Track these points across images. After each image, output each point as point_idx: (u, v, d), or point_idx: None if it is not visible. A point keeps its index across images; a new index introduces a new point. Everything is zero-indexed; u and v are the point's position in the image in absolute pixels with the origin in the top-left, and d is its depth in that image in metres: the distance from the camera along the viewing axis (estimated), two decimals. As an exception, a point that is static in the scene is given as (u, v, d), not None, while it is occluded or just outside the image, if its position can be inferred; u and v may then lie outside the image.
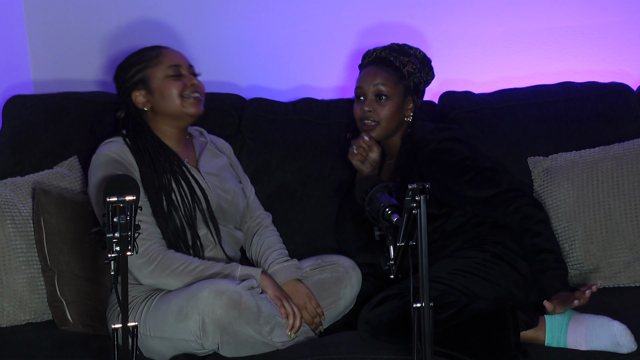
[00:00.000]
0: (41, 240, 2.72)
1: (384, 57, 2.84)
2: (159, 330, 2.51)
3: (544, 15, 3.28)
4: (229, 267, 2.59)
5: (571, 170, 2.89)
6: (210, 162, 2.81)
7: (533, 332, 2.47)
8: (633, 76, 3.26)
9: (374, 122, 2.80)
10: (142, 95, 2.73)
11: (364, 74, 2.85)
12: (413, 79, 2.82)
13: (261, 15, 3.33)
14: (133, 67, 2.74)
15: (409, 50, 2.86)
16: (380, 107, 2.79)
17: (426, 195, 2.00)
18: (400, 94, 2.80)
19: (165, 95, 2.71)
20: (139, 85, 2.73)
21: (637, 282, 2.80)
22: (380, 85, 2.79)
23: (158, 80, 2.72)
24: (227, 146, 2.98)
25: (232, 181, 2.83)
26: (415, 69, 2.82)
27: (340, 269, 2.74)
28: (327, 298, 2.70)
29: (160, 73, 2.72)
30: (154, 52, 2.77)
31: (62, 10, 3.35)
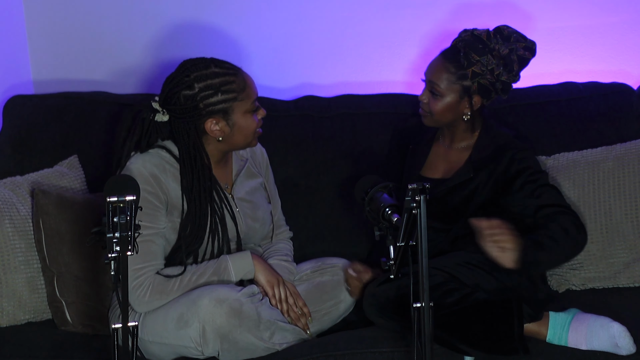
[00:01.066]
0: (40, 241, 2.72)
1: (457, 48, 2.71)
2: (158, 335, 2.50)
3: (544, 15, 3.28)
4: (221, 264, 2.57)
5: (572, 170, 2.89)
6: (244, 185, 2.73)
7: (536, 326, 2.47)
8: (634, 76, 3.26)
9: (427, 113, 2.75)
10: (218, 124, 2.55)
11: (431, 62, 2.76)
12: (479, 80, 2.69)
13: (261, 14, 3.33)
14: (218, 94, 2.53)
15: (494, 45, 2.69)
16: (432, 101, 2.72)
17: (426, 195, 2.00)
18: (456, 94, 2.70)
19: (243, 131, 2.57)
20: (219, 114, 2.54)
21: (637, 283, 2.79)
22: (435, 82, 2.70)
23: (240, 115, 2.56)
24: (264, 153, 2.87)
25: (263, 206, 2.76)
26: (485, 70, 2.67)
27: (341, 272, 2.73)
28: (327, 301, 2.70)
29: (244, 107, 2.57)
30: (240, 81, 2.57)
31: (62, 10, 3.35)
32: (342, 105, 3.17)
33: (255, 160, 2.82)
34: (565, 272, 2.84)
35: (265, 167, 2.86)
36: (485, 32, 2.70)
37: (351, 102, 3.17)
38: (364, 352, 2.46)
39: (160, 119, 2.57)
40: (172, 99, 2.54)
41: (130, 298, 2.48)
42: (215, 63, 2.57)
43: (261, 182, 2.81)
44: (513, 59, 2.70)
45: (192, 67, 2.55)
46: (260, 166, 2.83)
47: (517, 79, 2.75)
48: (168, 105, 2.55)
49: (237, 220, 2.64)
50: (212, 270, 2.56)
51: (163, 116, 2.57)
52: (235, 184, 2.70)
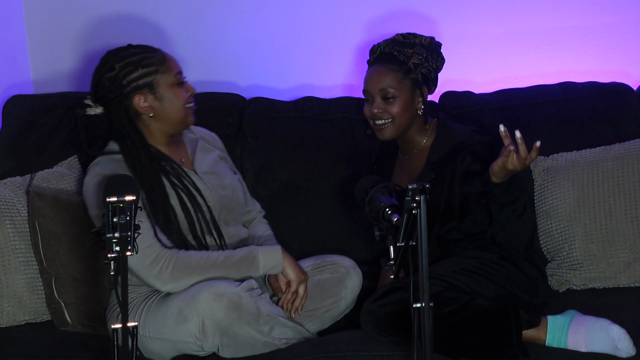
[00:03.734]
0: (37, 244, 2.72)
1: (387, 52, 2.77)
2: (159, 331, 2.50)
3: (544, 15, 3.28)
4: (250, 253, 2.58)
5: (572, 170, 2.89)
6: (204, 159, 2.78)
7: (534, 331, 2.47)
8: (633, 76, 3.26)
9: (387, 121, 2.76)
10: (146, 100, 2.61)
11: (369, 75, 2.79)
12: (421, 70, 2.75)
13: (261, 15, 3.33)
14: (139, 69, 2.60)
15: (413, 39, 2.78)
16: (389, 107, 2.74)
17: (426, 195, 1.99)
18: (408, 90, 2.74)
19: (172, 103, 2.62)
20: (144, 89, 2.60)
21: (637, 283, 2.79)
22: (386, 87, 2.73)
23: (166, 87, 2.62)
24: (215, 137, 2.94)
25: (228, 174, 2.81)
26: (422, 58, 2.75)
27: (341, 269, 2.73)
28: (328, 298, 2.70)
29: (168, 79, 2.63)
30: (159, 56, 2.65)
31: (62, 10, 3.35)
32: (342, 108, 3.16)
33: (207, 140, 2.87)
34: (565, 272, 2.84)
35: (220, 144, 2.91)
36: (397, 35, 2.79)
37: (351, 105, 3.17)
38: (365, 354, 2.46)
39: (93, 112, 2.63)
40: (97, 86, 2.62)
41: (148, 275, 2.49)
42: (134, 45, 2.67)
43: (219, 155, 2.84)
44: (435, 44, 2.80)
45: (111, 53, 2.65)
46: (213, 144, 2.88)
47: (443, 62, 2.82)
48: (96, 94, 2.62)
49: (205, 195, 2.65)
50: (240, 256, 2.57)
51: (95, 109, 2.63)
52: (195, 161, 2.74)
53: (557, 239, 2.86)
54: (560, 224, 2.85)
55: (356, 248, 3.00)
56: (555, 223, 2.86)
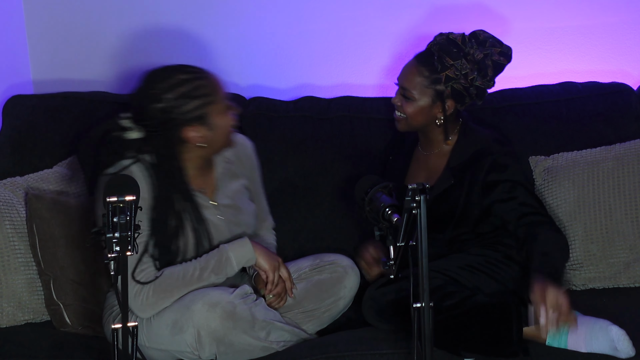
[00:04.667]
0: (35, 246, 2.71)
1: (431, 52, 2.69)
2: (155, 342, 2.50)
3: (544, 15, 3.28)
4: (222, 256, 2.54)
5: (572, 170, 2.89)
6: (227, 187, 2.69)
7: (535, 330, 2.46)
8: (633, 76, 3.26)
9: (401, 115, 2.74)
10: (197, 131, 2.49)
11: (404, 66, 2.75)
12: (453, 85, 2.66)
13: (261, 15, 3.33)
14: (191, 101, 2.46)
15: (468, 49, 2.67)
16: (405, 104, 2.72)
17: (426, 195, 1.99)
18: (428, 98, 2.69)
19: (222, 130, 2.52)
20: (196, 121, 2.47)
21: (637, 283, 2.79)
22: (407, 86, 2.70)
23: (217, 117, 2.50)
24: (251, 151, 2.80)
25: (246, 209, 2.73)
26: (459, 74, 2.65)
27: (339, 269, 2.73)
28: (327, 298, 2.70)
29: (219, 107, 2.51)
30: (211, 84, 2.51)
31: (62, 10, 3.35)
32: (342, 107, 3.16)
33: (241, 160, 2.76)
34: (565, 272, 2.84)
35: (251, 163, 2.80)
36: (460, 36, 2.69)
37: (351, 104, 3.17)
38: (364, 354, 2.45)
39: (133, 136, 2.51)
40: (143, 114, 2.48)
41: (133, 307, 2.47)
42: (180, 69, 2.51)
43: (244, 184, 2.75)
44: (487, 64, 2.68)
45: (157, 79, 2.49)
46: (245, 165, 2.77)
47: (492, 85, 2.73)
48: (141, 121, 2.50)
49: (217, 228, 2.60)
50: (213, 262, 2.54)
51: (136, 133, 2.51)
52: (218, 190, 2.66)
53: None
54: (560, 224, 2.85)
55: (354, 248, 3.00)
56: (556, 223, 2.86)
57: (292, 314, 2.67)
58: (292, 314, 2.67)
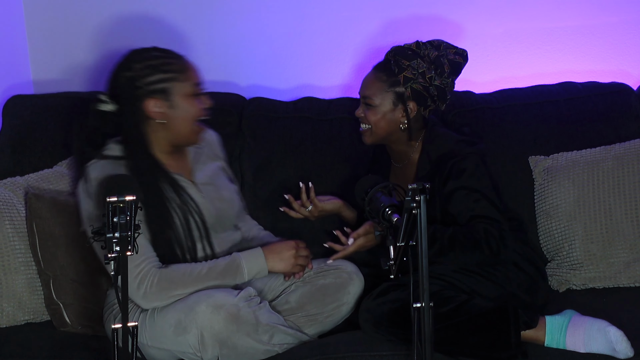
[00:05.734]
0: (35, 245, 2.71)
1: (387, 59, 2.75)
2: (157, 341, 2.50)
3: (544, 15, 3.28)
4: (233, 262, 2.56)
5: (572, 170, 2.89)
6: (204, 169, 2.74)
7: (533, 332, 2.47)
8: (633, 76, 3.26)
9: (366, 127, 2.76)
10: (159, 106, 2.54)
11: (363, 79, 2.79)
12: (411, 85, 2.69)
13: (261, 15, 3.33)
14: (156, 73, 2.54)
15: (424, 51, 2.71)
16: (368, 113, 2.73)
17: (426, 196, 1.99)
18: (389, 102, 2.71)
19: (185, 113, 2.56)
20: (158, 94, 2.53)
21: (637, 283, 2.79)
22: (368, 94, 2.73)
23: (182, 97, 2.55)
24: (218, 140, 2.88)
25: (228, 186, 2.78)
26: (416, 73, 2.68)
27: (344, 275, 2.72)
28: (330, 304, 2.69)
29: (185, 89, 2.56)
30: (181, 64, 2.59)
31: (62, 10, 3.35)
32: (342, 108, 3.16)
33: (212, 145, 2.83)
34: (565, 272, 2.84)
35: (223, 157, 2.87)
36: (414, 42, 2.74)
37: (351, 105, 3.17)
38: (364, 355, 2.45)
39: (105, 108, 2.58)
40: (113, 83, 2.57)
41: (136, 295, 2.47)
42: (158, 48, 2.61)
43: (219, 166, 2.81)
44: (443, 62, 2.70)
45: (134, 52, 2.60)
46: (216, 151, 2.84)
47: (452, 86, 2.74)
48: (111, 91, 2.58)
49: (201, 206, 2.62)
50: (223, 266, 2.55)
51: (108, 105, 2.58)
52: (194, 171, 2.70)
53: (557, 239, 2.86)
54: (560, 223, 2.85)
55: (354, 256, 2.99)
56: (555, 223, 2.86)
57: (294, 318, 2.66)
58: (295, 318, 2.66)
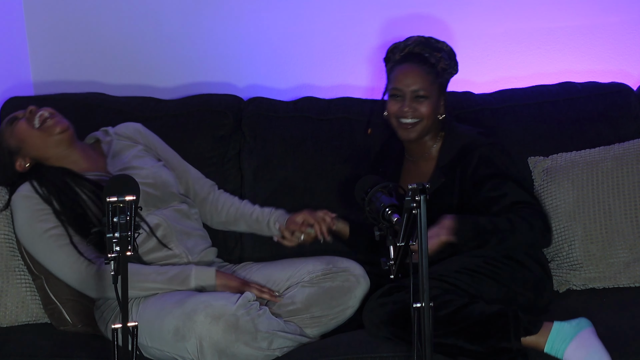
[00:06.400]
0: (21, 250, 2.74)
1: (417, 52, 2.74)
2: (157, 343, 2.51)
3: (544, 15, 3.28)
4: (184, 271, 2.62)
5: (571, 170, 2.89)
6: (119, 158, 2.81)
7: (534, 337, 2.44)
8: (633, 76, 3.26)
9: (415, 121, 2.72)
10: (20, 160, 2.76)
11: (401, 74, 2.74)
12: (445, 76, 2.75)
13: (261, 15, 3.33)
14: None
15: (437, 44, 2.76)
16: (419, 105, 2.71)
17: (426, 195, 1.99)
18: (436, 93, 2.73)
19: (25, 142, 2.75)
20: (10, 156, 2.77)
21: (636, 283, 2.79)
22: (420, 88, 2.71)
23: (13, 140, 2.76)
24: (138, 129, 2.95)
25: (149, 163, 2.83)
26: (447, 65, 2.74)
27: (352, 278, 2.71)
28: (336, 307, 2.69)
29: (7, 134, 2.77)
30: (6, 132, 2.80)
31: (62, 10, 3.35)
32: (342, 108, 3.16)
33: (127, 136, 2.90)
34: (565, 272, 2.84)
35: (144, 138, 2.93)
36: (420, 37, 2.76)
37: (351, 105, 3.17)
38: (365, 357, 2.45)
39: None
40: None
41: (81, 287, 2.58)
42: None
43: (141, 149, 2.87)
44: (454, 53, 2.78)
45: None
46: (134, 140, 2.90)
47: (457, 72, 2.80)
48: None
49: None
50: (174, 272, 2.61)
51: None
52: (108, 164, 2.79)
53: (557, 239, 2.86)
54: (560, 224, 2.85)
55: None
56: (555, 223, 2.86)
57: (299, 319, 2.66)
58: (299, 319, 2.66)
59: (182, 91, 3.32)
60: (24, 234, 2.67)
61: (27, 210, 2.66)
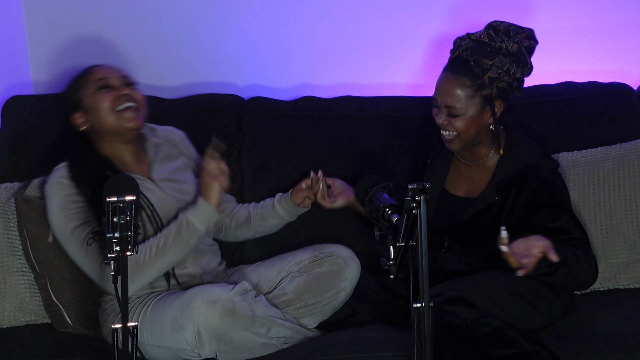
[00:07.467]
0: (27, 250, 2.73)
1: (464, 59, 2.56)
2: (156, 339, 2.51)
3: (544, 15, 3.28)
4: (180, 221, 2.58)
5: (572, 170, 2.89)
6: (164, 167, 2.76)
7: None
8: (634, 76, 3.26)
9: (452, 133, 2.60)
10: (81, 117, 2.69)
11: (439, 83, 2.60)
12: (497, 85, 2.55)
13: (261, 15, 3.33)
14: (68, 91, 2.73)
15: (500, 43, 2.54)
16: (453, 121, 2.57)
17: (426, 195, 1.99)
18: (477, 106, 2.56)
19: (97, 110, 2.67)
20: (75, 107, 2.70)
21: (637, 284, 2.79)
22: (451, 103, 2.55)
23: (89, 97, 2.67)
24: (183, 138, 2.91)
25: (190, 180, 2.78)
26: (502, 72, 2.54)
27: (340, 261, 2.72)
28: (328, 291, 2.70)
29: (90, 90, 2.68)
30: (87, 71, 2.74)
31: (62, 10, 3.35)
32: (342, 107, 3.16)
33: (174, 143, 2.87)
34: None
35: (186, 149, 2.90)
36: (484, 33, 2.59)
37: (351, 104, 3.17)
38: (365, 356, 2.45)
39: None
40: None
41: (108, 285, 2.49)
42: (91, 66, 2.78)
43: (184, 162, 2.83)
44: (524, 52, 2.57)
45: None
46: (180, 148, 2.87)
47: (531, 71, 2.62)
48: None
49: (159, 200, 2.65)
50: (174, 229, 2.57)
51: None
52: (153, 169, 2.74)
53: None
54: (561, 224, 2.85)
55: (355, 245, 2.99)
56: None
57: (293, 309, 2.67)
58: (293, 309, 2.68)
59: (182, 91, 3.31)
60: (54, 224, 2.61)
61: (58, 200, 2.58)
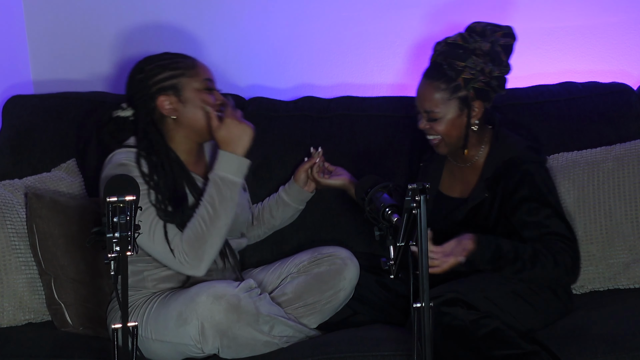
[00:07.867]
0: (34, 245, 2.72)
1: (439, 63, 2.60)
2: (160, 334, 2.51)
3: (544, 15, 3.28)
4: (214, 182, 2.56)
5: (572, 170, 2.89)
6: None
7: None
8: (634, 76, 3.26)
9: (437, 138, 2.64)
10: (170, 102, 2.60)
11: (418, 90, 2.65)
12: (473, 85, 2.58)
13: (261, 15, 3.33)
14: (165, 71, 2.61)
15: (473, 44, 2.57)
16: (435, 125, 2.62)
17: (426, 195, 1.99)
18: (455, 109, 2.60)
19: (196, 108, 2.60)
20: (169, 90, 2.60)
21: (636, 284, 2.79)
22: (429, 107, 2.61)
23: (192, 92, 2.60)
24: None
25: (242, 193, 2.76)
26: (476, 73, 2.57)
27: (338, 261, 2.73)
28: (327, 291, 2.70)
29: (195, 84, 2.61)
30: (189, 62, 2.65)
31: (62, 10, 3.35)
32: (342, 107, 3.16)
33: None
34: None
35: None
36: (458, 36, 2.61)
37: (350, 104, 3.17)
38: (365, 355, 2.45)
39: (122, 114, 2.67)
40: (128, 88, 2.65)
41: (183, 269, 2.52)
42: (169, 52, 2.69)
43: None
44: (498, 51, 2.59)
45: (146, 58, 2.67)
46: None
47: (509, 69, 2.64)
48: (127, 96, 2.66)
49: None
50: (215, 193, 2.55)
51: (125, 111, 2.66)
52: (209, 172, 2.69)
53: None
54: (560, 224, 2.85)
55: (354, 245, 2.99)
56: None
57: (292, 309, 2.68)
58: (293, 309, 2.68)
59: (182, 91, 3.32)
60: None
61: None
